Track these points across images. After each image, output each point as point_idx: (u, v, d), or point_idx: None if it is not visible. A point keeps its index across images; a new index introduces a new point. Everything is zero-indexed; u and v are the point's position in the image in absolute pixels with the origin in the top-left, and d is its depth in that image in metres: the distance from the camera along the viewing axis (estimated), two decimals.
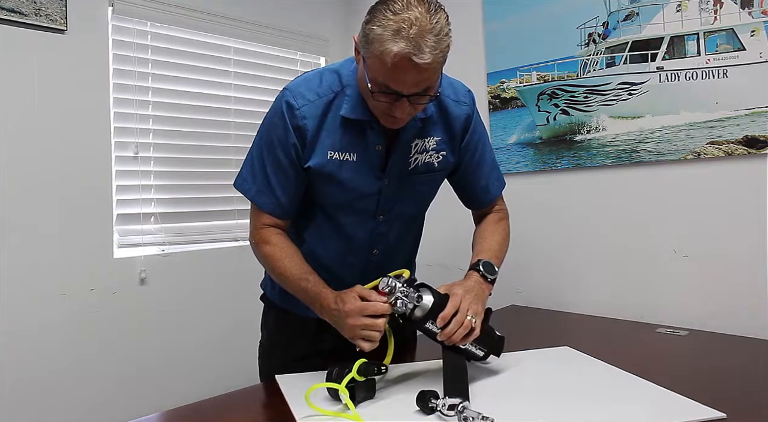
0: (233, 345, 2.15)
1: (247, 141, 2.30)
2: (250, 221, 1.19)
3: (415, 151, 1.15)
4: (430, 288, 1.04)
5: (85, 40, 1.90)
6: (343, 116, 1.09)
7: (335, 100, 1.10)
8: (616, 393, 1.04)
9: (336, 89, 1.10)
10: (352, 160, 1.11)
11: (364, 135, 1.11)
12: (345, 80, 1.10)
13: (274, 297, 1.30)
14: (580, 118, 1.97)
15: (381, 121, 1.06)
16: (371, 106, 1.05)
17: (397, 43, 0.89)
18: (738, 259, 1.63)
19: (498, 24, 2.16)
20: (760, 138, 1.60)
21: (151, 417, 1.03)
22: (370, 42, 0.93)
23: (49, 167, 1.82)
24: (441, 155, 1.19)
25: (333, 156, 1.10)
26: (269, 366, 1.27)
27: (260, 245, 1.16)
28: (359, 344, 0.99)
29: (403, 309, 1.00)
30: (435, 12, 0.92)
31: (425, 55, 0.90)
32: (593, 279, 1.94)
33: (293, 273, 1.12)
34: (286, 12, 2.48)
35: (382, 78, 0.95)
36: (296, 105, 1.08)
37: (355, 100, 1.08)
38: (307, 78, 1.13)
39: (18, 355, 1.74)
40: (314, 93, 1.09)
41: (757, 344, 1.41)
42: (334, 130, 1.10)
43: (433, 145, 1.17)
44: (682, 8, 1.72)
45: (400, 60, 0.90)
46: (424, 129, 1.15)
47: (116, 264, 1.97)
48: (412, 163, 1.16)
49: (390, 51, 0.90)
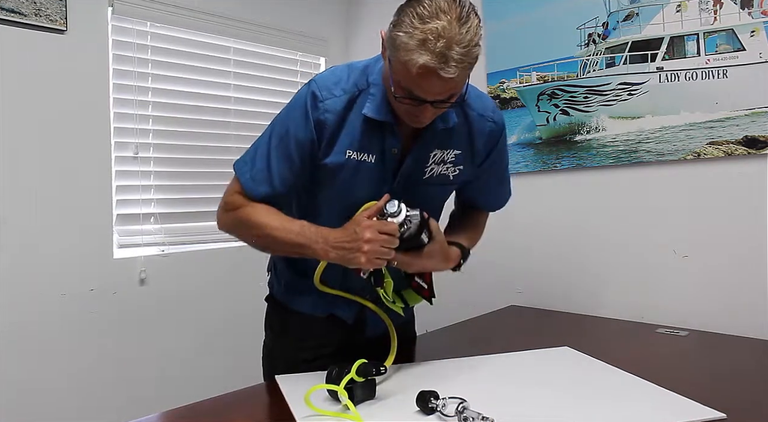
0: (233, 345, 2.15)
1: (247, 141, 2.31)
2: (224, 194, 1.14)
3: (433, 161, 1.14)
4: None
5: (85, 40, 1.90)
6: (365, 115, 1.07)
7: (359, 97, 1.08)
8: (616, 393, 1.04)
9: (362, 87, 1.08)
10: (370, 162, 1.09)
11: (382, 137, 1.08)
12: (371, 79, 1.08)
13: (281, 297, 1.29)
14: (579, 118, 1.97)
15: (404, 119, 1.04)
16: (394, 105, 1.03)
17: (422, 55, 0.87)
18: (738, 259, 1.63)
19: (498, 24, 2.16)
20: (759, 138, 1.60)
21: (151, 417, 1.03)
22: (396, 48, 0.91)
23: (48, 167, 1.82)
24: (458, 169, 1.17)
25: (351, 155, 1.08)
26: (274, 366, 1.26)
27: (231, 212, 1.11)
28: (373, 263, 0.97)
29: (409, 232, 1.00)
30: (465, 20, 0.89)
31: (451, 70, 0.88)
32: (593, 279, 1.94)
33: (280, 222, 1.06)
34: (286, 12, 2.48)
35: (406, 84, 0.94)
36: (320, 97, 1.06)
37: (379, 101, 1.06)
38: (335, 72, 1.11)
39: (18, 355, 1.74)
40: (340, 88, 1.07)
41: (757, 344, 1.41)
42: (354, 129, 1.08)
43: (452, 158, 1.15)
44: (681, 8, 1.73)
45: (425, 71, 0.89)
46: (445, 140, 1.13)
47: (116, 265, 1.97)
48: (427, 173, 1.14)
49: (416, 62, 0.88)
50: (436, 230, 1.07)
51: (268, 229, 1.06)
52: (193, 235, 2.19)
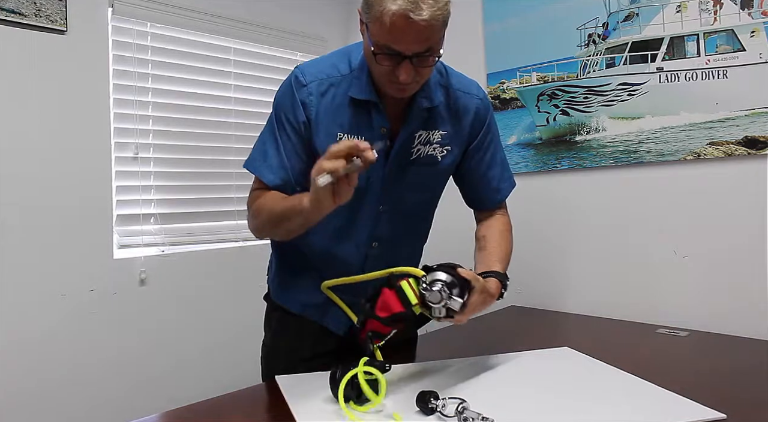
0: (233, 345, 2.15)
1: (247, 141, 2.33)
2: (247, 201, 1.16)
3: (418, 142, 1.15)
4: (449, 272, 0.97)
5: (85, 40, 1.90)
6: (350, 96, 1.10)
7: (344, 80, 1.11)
8: (616, 393, 1.04)
9: (344, 71, 1.11)
10: None
11: (369, 116, 1.11)
12: (354, 62, 1.11)
13: (278, 298, 1.30)
14: (579, 118, 1.97)
15: (387, 90, 1.05)
16: (376, 74, 1.05)
17: (395, 2, 0.91)
18: (738, 259, 1.63)
19: (498, 24, 2.16)
20: (759, 138, 1.60)
21: (152, 417, 1.02)
22: (370, 5, 0.95)
23: (48, 168, 1.82)
24: (446, 150, 1.18)
25: (342, 137, 1.10)
26: (273, 366, 1.26)
27: (251, 206, 1.13)
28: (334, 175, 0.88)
29: (438, 312, 0.95)
30: None
31: (423, 12, 0.91)
32: (593, 279, 1.94)
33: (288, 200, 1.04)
34: (286, 13, 2.48)
35: (383, 39, 0.96)
36: (304, 81, 1.10)
37: (363, 82, 1.09)
38: (318, 59, 1.16)
39: (18, 355, 1.74)
40: (323, 72, 1.11)
41: (757, 344, 1.41)
42: (343, 111, 1.10)
43: (437, 138, 1.16)
44: (681, 9, 1.73)
45: (398, 18, 0.91)
46: (430, 120, 1.14)
47: (116, 265, 1.97)
48: (414, 154, 1.15)
49: (388, 10, 0.91)
50: (472, 278, 0.99)
51: (274, 213, 1.06)
52: (193, 236, 2.19)
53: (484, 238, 1.24)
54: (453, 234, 1.58)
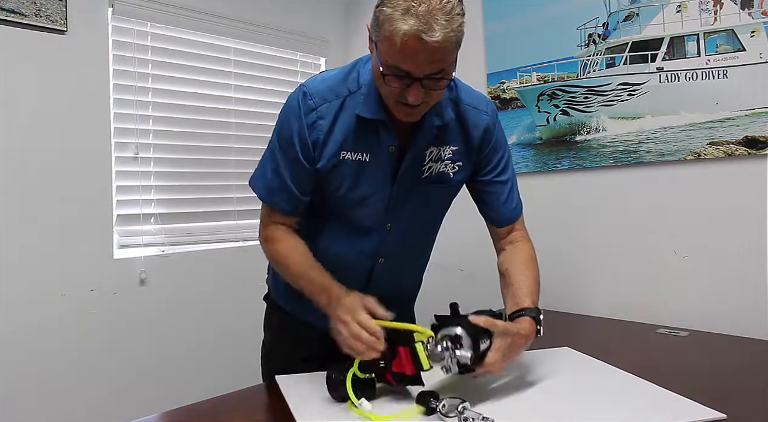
0: (233, 345, 2.15)
1: (247, 141, 2.33)
2: (260, 219, 1.18)
3: (430, 159, 1.12)
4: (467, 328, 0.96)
5: (85, 40, 1.90)
6: (357, 115, 1.07)
7: (351, 98, 1.07)
8: (616, 393, 1.04)
9: (353, 88, 1.08)
10: (365, 161, 1.09)
11: (377, 135, 1.08)
12: (362, 79, 1.08)
13: (278, 299, 1.29)
14: (580, 118, 1.97)
15: (395, 113, 1.02)
16: (384, 94, 1.01)
17: (407, 22, 0.87)
18: (738, 259, 1.63)
19: (498, 24, 2.16)
20: (760, 138, 1.60)
21: (152, 417, 1.02)
22: (380, 24, 0.91)
23: (49, 168, 1.82)
24: (457, 166, 1.15)
25: (346, 156, 1.08)
26: (272, 366, 1.26)
27: (267, 243, 1.16)
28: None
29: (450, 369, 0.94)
30: None
31: (436, 34, 0.88)
32: (593, 279, 1.94)
33: (299, 263, 1.10)
34: (286, 13, 2.48)
35: (393, 59, 0.92)
36: (312, 103, 1.07)
37: (371, 99, 1.06)
38: (324, 77, 1.12)
39: (18, 355, 1.74)
40: (331, 91, 1.08)
41: (757, 344, 1.41)
42: (348, 129, 1.07)
43: (449, 154, 1.14)
44: (682, 9, 1.73)
45: (410, 38, 0.88)
46: (441, 136, 1.12)
47: (116, 265, 1.97)
48: (425, 171, 1.13)
49: (399, 30, 0.88)
50: (489, 325, 0.98)
51: (287, 272, 1.14)
52: (193, 236, 2.19)
53: (508, 272, 1.20)
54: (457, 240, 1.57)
